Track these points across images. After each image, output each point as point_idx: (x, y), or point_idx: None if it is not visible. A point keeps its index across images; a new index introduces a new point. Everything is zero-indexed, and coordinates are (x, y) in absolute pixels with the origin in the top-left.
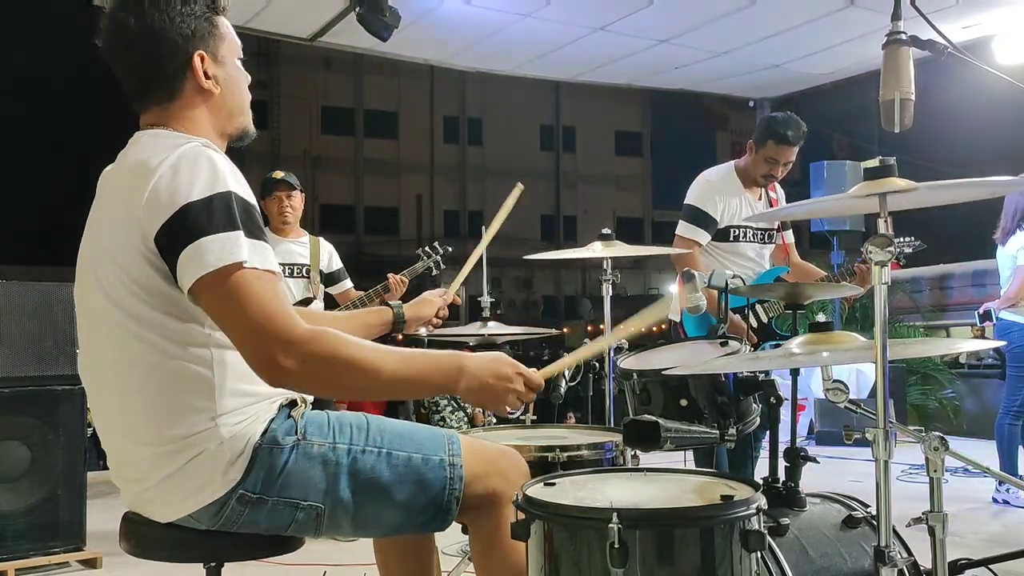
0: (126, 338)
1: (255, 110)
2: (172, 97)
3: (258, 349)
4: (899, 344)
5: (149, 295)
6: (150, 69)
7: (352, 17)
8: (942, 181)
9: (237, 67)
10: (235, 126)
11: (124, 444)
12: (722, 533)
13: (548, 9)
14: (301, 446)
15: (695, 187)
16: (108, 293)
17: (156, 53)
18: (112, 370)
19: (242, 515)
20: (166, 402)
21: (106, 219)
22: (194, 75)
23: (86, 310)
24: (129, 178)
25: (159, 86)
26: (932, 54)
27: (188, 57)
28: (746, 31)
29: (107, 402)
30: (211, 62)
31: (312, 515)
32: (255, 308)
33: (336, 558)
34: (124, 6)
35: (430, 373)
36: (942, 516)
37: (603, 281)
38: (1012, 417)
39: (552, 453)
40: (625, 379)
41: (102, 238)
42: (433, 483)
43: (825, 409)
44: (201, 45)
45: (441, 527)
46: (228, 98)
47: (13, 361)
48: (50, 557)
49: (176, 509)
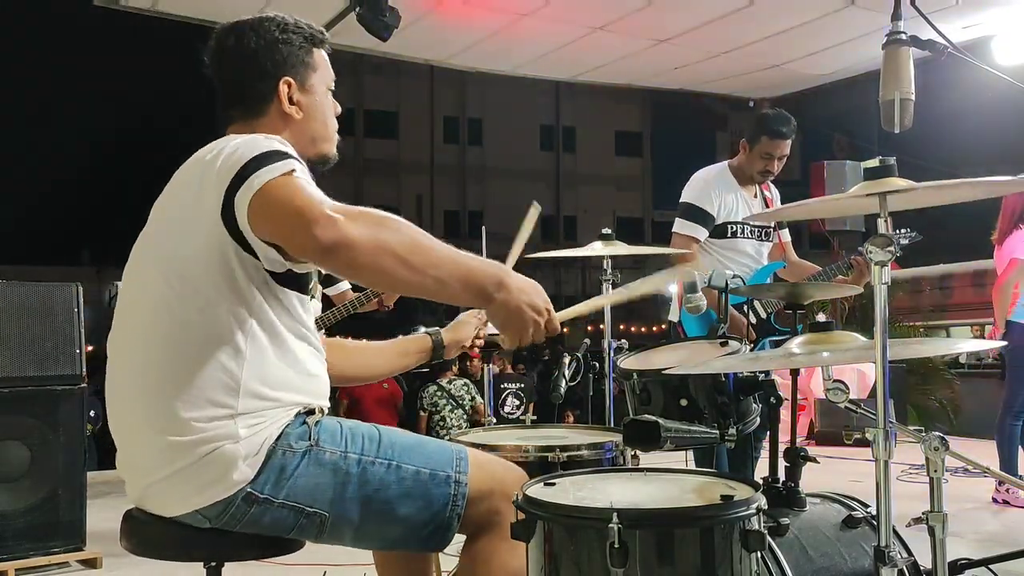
0: (167, 316)
1: None
2: (257, 115)
3: (308, 224)
4: (899, 344)
5: (205, 272)
6: (241, 87)
7: (352, 17)
8: (942, 181)
9: (325, 97)
10: (315, 151)
11: (140, 431)
12: (722, 533)
13: (548, 9)
14: (313, 452)
15: (690, 185)
16: (158, 279)
17: (248, 74)
18: (143, 344)
19: (246, 514)
20: (191, 387)
21: (176, 200)
22: (279, 99)
23: (132, 295)
24: (204, 157)
25: (246, 104)
26: (932, 54)
27: (276, 82)
28: (746, 31)
29: (130, 380)
30: (297, 89)
31: (316, 522)
32: (303, 194)
33: (336, 558)
34: (231, 28)
35: (475, 272)
36: (942, 516)
37: (603, 281)
38: (1012, 417)
39: (552, 453)
40: (625, 379)
41: (167, 222)
42: (437, 499)
43: (825, 409)
44: (290, 72)
45: (440, 546)
46: (310, 124)
47: (13, 361)
48: (50, 557)
49: (184, 504)
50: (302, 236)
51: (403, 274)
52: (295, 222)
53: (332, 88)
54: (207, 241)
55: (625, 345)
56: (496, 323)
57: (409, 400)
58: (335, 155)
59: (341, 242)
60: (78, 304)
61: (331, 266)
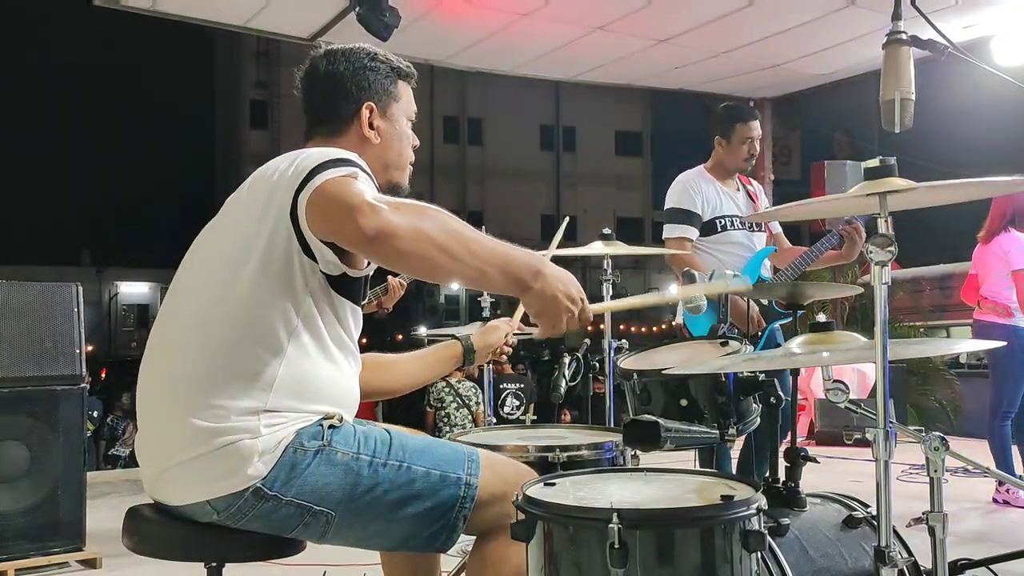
0: (221, 305)
1: (255, 110)
2: (337, 135)
3: (353, 213)
4: (899, 344)
5: (265, 271)
6: (326, 107)
7: (352, 17)
8: (942, 181)
9: (404, 128)
10: (387, 178)
11: (169, 410)
12: (722, 533)
13: (548, 9)
14: (325, 452)
15: (671, 190)
16: (225, 260)
17: (333, 95)
18: (192, 326)
19: (254, 509)
20: (229, 375)
21: (249, 200)
22: (360, 122)
23: (194, 270)
24: (279, 164)
25: (329, 123)
26: (932, 54)
27: (359, 106)
28: (746, 31)
29: (172, 359)
30: (378, 116)
31: (321, 521)
32: (352, 188)
33: (336, 558)
34: (324, 53)
35: (513, 261)
36: (942, 516)
37: (603, 281)
38: (1000, 418)
39: (552, 453)
40: (625, 379)
41: (239, 218)
42: (446, 500)
43: (825, 409)
44: (374, 98)
45: (445, 547)
46: (386, 151)
47: (13, 361)
48: (50, 557)
49: (196, 492)
50: (350, 226)
51: (445, 261)
52: (343, 213)
53: (413, 120)
54: (272, 241)
55: (625, 345)
56: (532, 311)
57: (413, 396)
58: (406, 186)
59: (385, 230)
60: (78, 304)
61: (377, 255)
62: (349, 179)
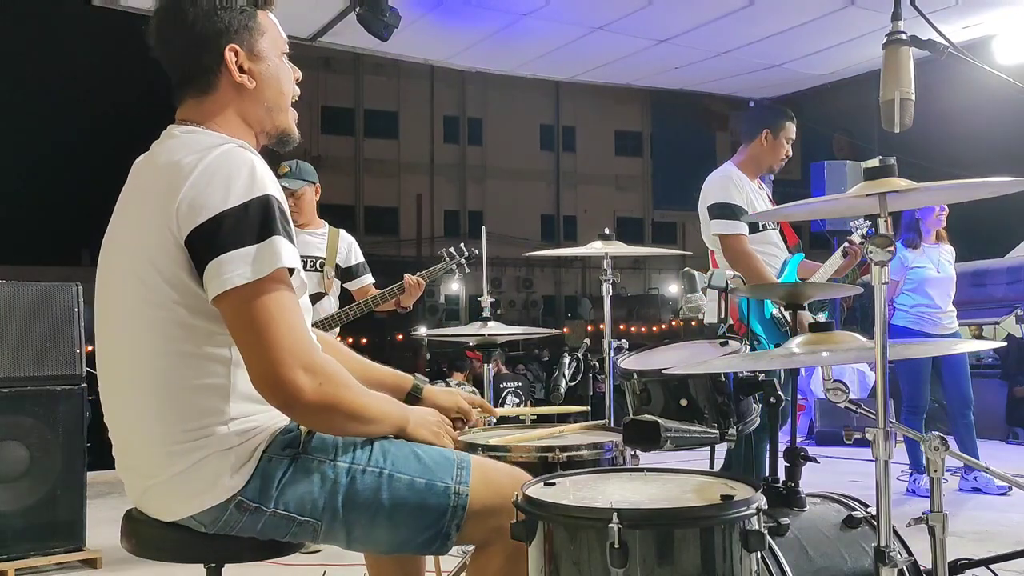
0: (151, 333)
1: None
2: (207, 91)
3: (277, 369)
4: (899, 344)
5: (179, 293)
6: (186, 62)
7: (352, 17)
8: (942, 181)
9: (279, 62)
10: (274, 124)
11: (136, 440)
12: (722, 533)
13: (548, 9)
14: (301, 460)
15: (711, 186)
16: (138, 287)
17: (191, 47)
18: (132, 363)
19: (240, 522)
20: (183, 402)
21: (139, 214)
22: (227, 69)
23: (110, 301)
24: (164, 176)
25: (195, 79)
26: (932, 54)
27: (221, 52)
28: (746, 31)
29: (122, 396)
30: (245, 57)
31: (309, 529)
32: (282, 328)
33: (336, 558)
34: (166, 4)
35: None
36: (942, 516)
37: (603, 281)
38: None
39: (552, 453)
40: (625, 379)
41: (135, 232)
42: (435, 508)
43: (825, 409)
44: (235, 39)
45: (440, 551)
46: (266, 92)
47: (13, 361)
48: (50, 557)
49: (180, 509)
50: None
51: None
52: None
53: (287, 52)
54: (175, 256)
55: (625, 345)
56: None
57: None
58: (295, 133)
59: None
60: (78, 304)
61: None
62: (271, 301)
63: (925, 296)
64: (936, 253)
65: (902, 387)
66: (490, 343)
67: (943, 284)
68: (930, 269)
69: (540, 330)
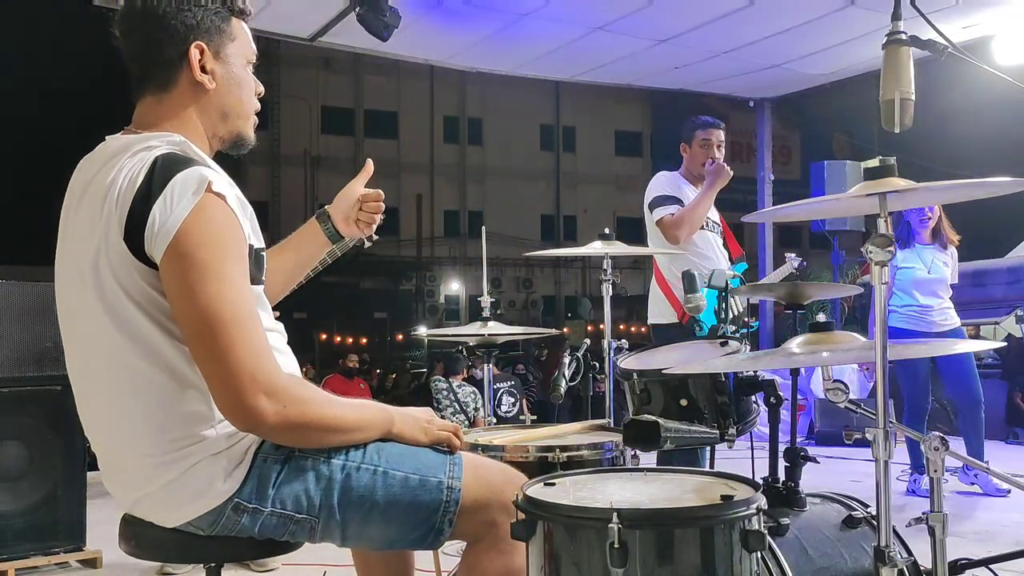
0: (121, 345)
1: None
2: (167, 87)
3: (239, 392)
4: (899, 344)
5: (145, 301)
6: (149, 53)
7: (352, 17)
8: (942, 181)
9: (243, 71)
10: (229, 129)
11: (122, 454)
12: (722, 533)
13: (548, 9)
14: (294, 459)
15: (652, 185)
16: (101, 298)
17: (156, 37)
18: (107, 377)
19: (237, 524)
20: (165, 411)
21: (93, 225)
22: (190, 66)
23: (73, 314)
24: (118, 191)
25: (156, 73)
26: (932, 54)
27: (186, 47)
28: (746, 31)
29: (102, 411)
30: (210, 57)
31: (306, 527)
32: (242, 350)
33: (336, 558)
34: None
35: (372, 422)
36: (942, 516)
37: (603, 281)
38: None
39: (552, 453)
40: (625, 379)
41: (90, 244)
42: (428, 504)
43: (825, 409)
44: (203, 37)
45: (433, 546)
46: (224, 97)
47: (13, 361)
48: (50, 557)
49: (175, 516)
50: (242, 394)
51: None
52: (241, 377)
53: (253, 62)
54: (135, 282)
55: (625, 345)
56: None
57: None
58: (251, 137)
59: (269, 421)
60: None
61: (246, 429)
62: (254, 322)
63: (911, 296)
64: (930, 254)
65: (902, 387)
66: (490, 343)
67: (931, 284)
68: (919, 270)
69: (540, 330)
